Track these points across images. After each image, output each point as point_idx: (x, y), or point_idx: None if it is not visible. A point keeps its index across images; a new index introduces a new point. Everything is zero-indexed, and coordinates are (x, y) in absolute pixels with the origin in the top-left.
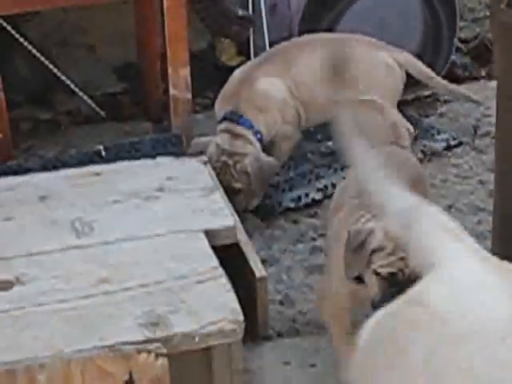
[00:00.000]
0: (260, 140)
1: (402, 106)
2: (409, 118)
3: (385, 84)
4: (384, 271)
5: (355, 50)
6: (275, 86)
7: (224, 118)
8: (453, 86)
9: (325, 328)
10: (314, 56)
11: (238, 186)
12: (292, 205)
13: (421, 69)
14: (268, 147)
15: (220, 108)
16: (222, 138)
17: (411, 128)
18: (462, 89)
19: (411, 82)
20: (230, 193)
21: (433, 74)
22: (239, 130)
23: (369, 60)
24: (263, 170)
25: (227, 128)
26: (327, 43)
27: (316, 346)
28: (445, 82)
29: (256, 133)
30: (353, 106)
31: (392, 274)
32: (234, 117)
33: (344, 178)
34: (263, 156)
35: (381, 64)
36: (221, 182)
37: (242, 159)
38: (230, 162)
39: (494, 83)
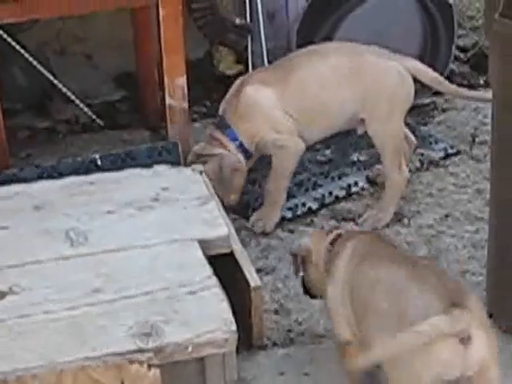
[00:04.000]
0: (241, 147)
1: None
2: (407, 127)
3: (396, 93)
4: None
5: (366, 59)
6: (263, 95)
7: (213, 123)
8: (463, 90)
9: (320, 338)
10: (325, 64)
11: None
12: (289, 214)
13: (431, 76)
14: (269, 158)
15: (222, 110)
16: (202, 143)
17: (414, 139)
18: (472, 92)
19: None
20: None
21: (443, 80)
22: (218, 135)
23: (380, 70)
24: (223, 168)
25: (209, 133)
26: (339, 52)
27: (311, 356)
28: (455, 86)
29: (235, 140)
30: None
31: None
32: (222, 125)
33: (341, 188)
34: (229, 156)
35: (392, 73)
36: None
37: (210, 160)
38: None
39: None
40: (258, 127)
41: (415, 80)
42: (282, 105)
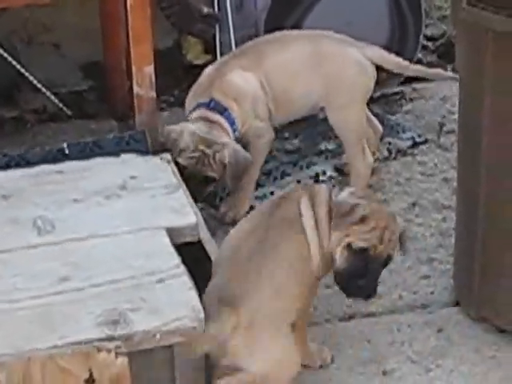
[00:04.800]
0: (234, 132)
1: (367, 103)
2: (375, 116)
3: (356, 81)
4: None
5: (327, 46)
6: (247, 80)
7: (200, 105)
8: (426, 69)
9: None
10: (287, 51)
11: (213, 175)
12: (257, 203)
13: (393, 60)
14: (243, 146)
15: (191, 103)
16: (198, 126)
17: (380, 127)
18: (436, 70)
19: (377, 79)
20: (203, 182)
21: (406, 63)
22: (215, 117)
23: (340, 58)
24: (239, 163)
25: (203, 115)
26: (300, 39)
27: None
28: (419, 66)
29: (232, 125)
30: None
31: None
32: (218, 107)
33: (310, 177)
34: (240, 149)
35: (353, 61)
36: (195, 170)
37: (222, 149)
38: (209, 152)
39: None
40: (247, 114)
41: (382, 69)
42: (262, 90)
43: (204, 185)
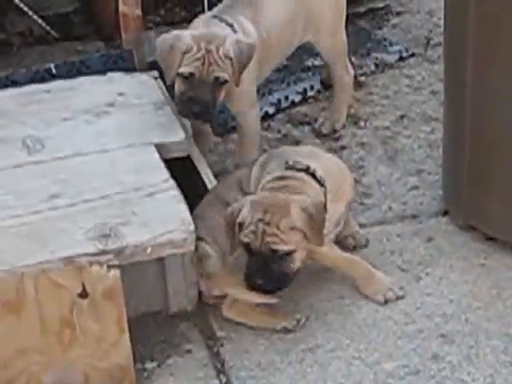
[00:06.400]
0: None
1: (354, 18)
2: (361, 31)
3: (338, 6)
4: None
5: None
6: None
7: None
8: None
9: None
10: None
11: (223, 75)
12: None
13: None
14: None
15: None
16: (197, 29)
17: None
18: None
19: None
20: (215, 86)
21: None
22: (216, 22)
23: None
24: (243, 52)
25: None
26: None
27: None
28: None
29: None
30: None
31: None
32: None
33: (297, 93)
34: (242, 37)
35: None
36: (203, 74)
37: (223, 43)
38: (212, 47)
39: None
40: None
41: None
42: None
43: (218, 89)
